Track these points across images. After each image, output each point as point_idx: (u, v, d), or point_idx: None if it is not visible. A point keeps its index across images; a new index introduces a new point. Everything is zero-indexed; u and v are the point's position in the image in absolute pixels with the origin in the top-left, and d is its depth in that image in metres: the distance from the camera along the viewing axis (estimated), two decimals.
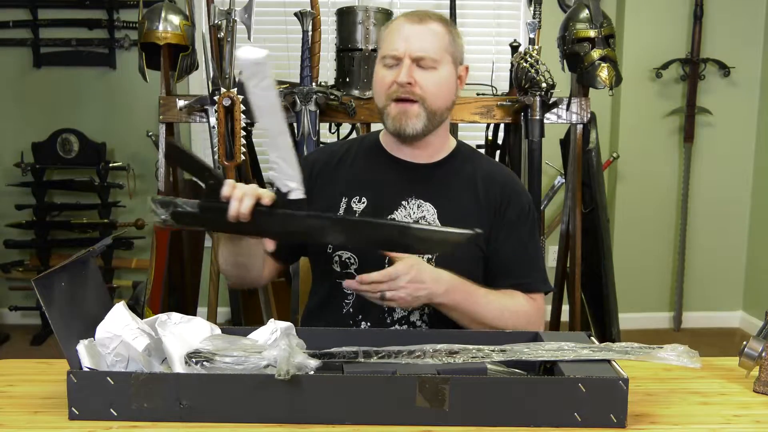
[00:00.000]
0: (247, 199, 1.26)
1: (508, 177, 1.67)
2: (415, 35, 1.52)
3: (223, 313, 3.65)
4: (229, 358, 1.11)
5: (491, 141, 3.25)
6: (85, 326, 1.17)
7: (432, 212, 1.57)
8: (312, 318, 1.64)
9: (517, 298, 1.55)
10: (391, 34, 1.55)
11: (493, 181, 1.62)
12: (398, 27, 1.55)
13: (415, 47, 1.51)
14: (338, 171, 1.64)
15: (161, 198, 1.29)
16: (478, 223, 1.57)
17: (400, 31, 1.54)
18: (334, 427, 1.09)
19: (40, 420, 1.13)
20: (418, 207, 1.57)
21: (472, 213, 1.59)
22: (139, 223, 4.01)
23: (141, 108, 4.00)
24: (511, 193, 1.61)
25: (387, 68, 1.55)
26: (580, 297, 2.87)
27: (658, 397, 1.24)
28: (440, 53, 1.53)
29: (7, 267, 4.03)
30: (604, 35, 2.72)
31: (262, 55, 1.17)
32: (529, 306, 1.56)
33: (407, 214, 1.56)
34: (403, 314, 1.55)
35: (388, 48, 1.54)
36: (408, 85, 1.51)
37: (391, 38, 1.55)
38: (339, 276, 1.57)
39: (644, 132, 4.13)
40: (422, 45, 1.51)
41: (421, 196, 1.58)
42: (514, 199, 1.61)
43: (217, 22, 2.60)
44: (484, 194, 1.60)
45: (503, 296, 1.53)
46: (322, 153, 1.72)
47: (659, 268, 4.27)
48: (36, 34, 4.01)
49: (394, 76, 1.52)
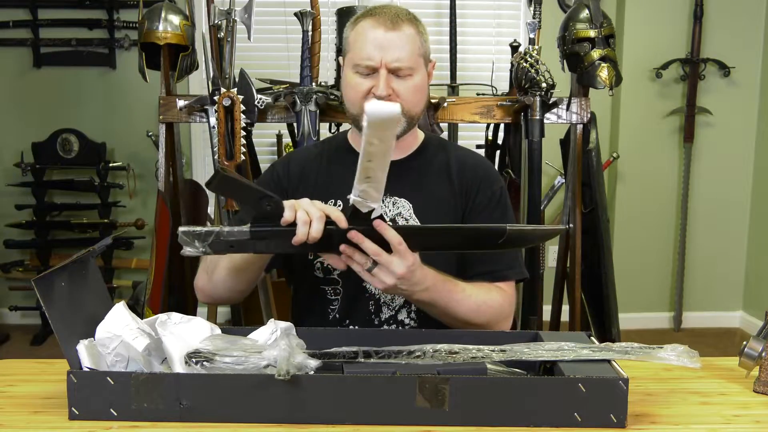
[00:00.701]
0: (317, 222, 1.24)
1: (479, 162, 1.66)
2: (390, 44, 1.48)
3: (223, 313, 3.65)
4: (229, 358, 1.11)
5: (491, 141, 3.25)
6: (85, 326, 1.17)
7: (408, 207, 1.56)
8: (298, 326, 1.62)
9: (491, 293, 1.53)
10: (362, 39, 1.50)
11: (464, 167, 1.62)
12: (370, 32, 1.50)
13: (391, 57, 1.48)
14: (311, 177, 1.62)
15: (195, 230, 1.22)
16: (456, 213, 1.57)
17: (374, 37, 1.49)
18: (334, 427, 1.09)
19: (40, 420, 1.13)
20: (393, 204, 1.56)
21: (449, 202, 1.58)
22: (139, 223, 4.02)
23: (141, 108, 4.00)
24: (482, 179, 1.61)
25: (360, 76, 1.51)
26: (580, 297, 2.87)
27: (658, 397, 1.24)
28: (414, 59, 1.51)
29: (7, 267, 4.03)
30: (604, 35, 2.72)
31: (396, 111, 1.13)
32: (501, 298, 1.54)
33: (383, 212, 1.54)
34: (391, 314, 1.54)
35: (360, 56, 1.50)
36: (387, 97, 1.49)
37: (362, 45, 1.50)
38: (323, 282, 1.56)
39: (644, 132, 4.13)
40: (398, 54, 1.48)
41: (395, 192, 1.56)
42: (483, 185, 1.60)
43: (217, 22, 2.60)
44: (458, 181, 1.59)
45: (480, 290, 1.51)
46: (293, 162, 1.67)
47: (659, 268, 4.27)
48: (36, 34, 4.01)
49: (370, 86, 1.50)
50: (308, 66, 2.65)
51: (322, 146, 1.72)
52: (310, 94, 2.61)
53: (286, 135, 3.60)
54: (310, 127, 2.61)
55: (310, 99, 2.61)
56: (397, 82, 1.50)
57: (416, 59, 1.51)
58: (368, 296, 1.55)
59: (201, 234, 1.22)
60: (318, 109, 2.62)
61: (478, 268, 1.56)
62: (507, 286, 1.58)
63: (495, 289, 1.55)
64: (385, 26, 1.49)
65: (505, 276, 1.57)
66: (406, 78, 1.51)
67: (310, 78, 2.65)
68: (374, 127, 1.12)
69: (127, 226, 4.03)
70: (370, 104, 1.12)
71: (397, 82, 1.51)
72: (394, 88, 1.50)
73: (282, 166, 1.67)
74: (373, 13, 1.53)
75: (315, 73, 2.68)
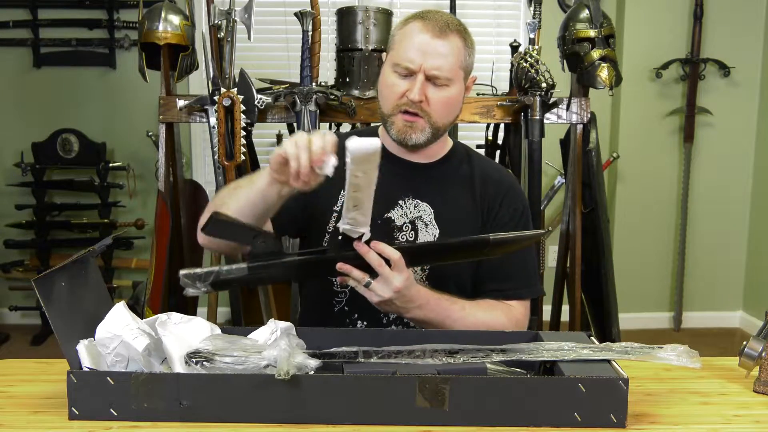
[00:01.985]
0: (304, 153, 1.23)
1: (504, 178, 1.65)
2: (434, 51, 1.47)
3: (223, 313, 3.65)
4: (229, 358, 1.11)
5: (491, 141, 3.25)
6: (85, 326, 1.17)
7: (429, 212, 1.56)
8: (306, 320, 1.63)
9: (495, 311, 1.53)
10: (408, 41, 1.49)
11: (488, 181, 1.61)
12: (416, 35, 1.48)
13: (431, 64, 1.47)
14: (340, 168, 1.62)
15: (195, 272, 1.26)
16: (476, 224, 1.57)
17: (419, 41, 1.47)
18: (334, 427, 1.09)
19: (40, 420, 1.13)
20: (414, 207, 1.57)
21: (469, 212, 1.58)
22: (139, 223, 4.02)
23: (141, 108, 4.00)
24: (506, 195, 1.60)
25: (398, 76, 1.50)
26: (580, 297, 2.87)
27: (658, 397, 1.24)
28: (454, 71, 1.50)
29: (7, 267, 4.03)
30: (604, 35, 2.72)
31: (376, 147, 1.16)
32: (505, 318, 1.53)
33: (403, 214, 1.55)
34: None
35: (402, 56, 1.49)
36: (419, 102, 1.49)
37: (407, 46, 1.49)
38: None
39: (644, 132, 4.13)
40: (439, 63, 1.47)
41: (418, 195, 1.57)
42: (507, 201, 1.60)
43: (217, 22, 2.60)
44: (480, 194, 1.60)
45: (480, 309, 1.51)
46: None
47: (659, 268, 4.27)
48: (36, 34, 4.01)
49: (406, 89, 1.49)
50: (308, 66, 2.65)
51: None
52: (310, 94, 2.61)
53: (286, 135, 3.60)
54: (310, 127, 2.61)
55: (310, 99, 2.61)
56: (432, 90, 1.50)
57: (456, 71, 1.50)
58: None
59: (201, 275, 1.27)
60: (318, 109, 2.62)
61: (489, 286, 1.57)
62: (519, 305, 1.57)
63: (501, 307, 1.55)
64: (433, 32, 1.48)
65: (517, 294, 1.58)
66: (442, 88, 1.50)
67: (310, 78, 2.65)
68: (357, 162, 1.17)
69: (127, 226, 4.03)
70: (351, 141, 1.15)
71: (433, 90, 1.50)
72: (427, 95, 1.49)
73: None
74: (425, 16, 1.51)
75: (315, 73, 2.68)
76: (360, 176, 1.20)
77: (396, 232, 1.54)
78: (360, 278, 1.34)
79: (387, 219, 1.54)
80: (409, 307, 1.40)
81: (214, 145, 2.58)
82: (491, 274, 1.57)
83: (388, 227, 1.53)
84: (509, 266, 1.57)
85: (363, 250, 1.32)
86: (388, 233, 1.52)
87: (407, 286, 1.36)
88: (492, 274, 1.57)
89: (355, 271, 1.33)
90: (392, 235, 1.53)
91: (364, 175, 1.20)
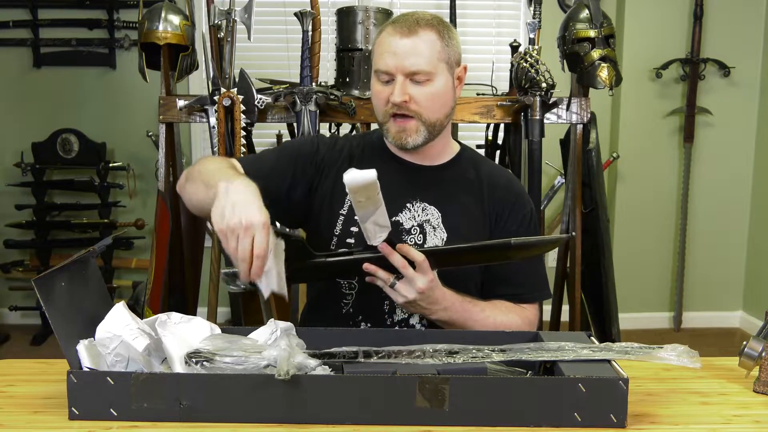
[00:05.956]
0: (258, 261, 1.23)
1: (512, 183, 1.66)
2: (405, 50, 1.48)
3: (223, 313, 3.65)
4: (229, 358, 1.11)
5: (491, 141, 3.25)
6: (85, 326, 1.17)
7: (437, 216, 1.56)
8: (311, 321, 1.63)
9: (510, 314, 1.55)
10: (381, 48, 1.51)
11: (497, 187, 1.62)
12: (387, 40, 1.50)
13: (406, 63, 1.48)
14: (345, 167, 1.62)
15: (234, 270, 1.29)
16: (483, 228, 1.58)
17: (390, 45, 1.49)
18: (334, 427, 1.09)
19: (40, 420, 1.13)
20: (422, 210, 1.57)
21: (476, 218, 1.58)
22: (139, 223, 4.02)
23: (141, 108, 4.00)
24: (514, 201, 1.61)
25: (382, 83, 1.52)
26: (580, 297, 2.87)
27: (658, 397, 1.24)
28: (433, 64, 1.50)
29: (7, 267, 4.03)
30: (604, 35, 2.72)
31: (372, 177, 1.22)
32: (521, 320, 1.56)
33: (411, 217, 1.55)
34: (403, 317, 1.54)
35: (379, 63, 1.51)
36: (403, 103, 1.49)
37: (380, 52, 1.51)
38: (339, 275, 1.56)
39: (644, 132, 4.13)
40: (414, 60, 1.48)
41: (425, 199, 1.57)
42: (516, 208, 1.61)
43: (217, 22, 2.60)
44: (488, 199, 1.60)
45: (499, 312, 1.53)
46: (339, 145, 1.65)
47: (659, 268, 4.27)
48: (36, 34, 4.01)
49: (389, 93, 1.50)
50: (308, 66, 2.65)
51: (360, 140, 1.69)
52: (310, 94, 2.61)
53: (286, 135, 3.60)
54: (310, 127, 2.61)
55: (310, 99, 2.61)
56: (414, 87, 1.50)
57: (435, 64, 1.50)
58: (383, 295, 1.54)
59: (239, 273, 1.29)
60: (318, 109, 2.62)
61: (503, 289, 1.58)
62: (531, 308, 1.60)
63: (515, 309, 1.57)
64: (402, 33, 1.49)
65: (530, 299, 1.60)
66: (424, 84, 1.50)
67: (310, 78, 2.65)
68: (355, 192, 1.25)
69: (127, 226, 4.03)
70: (347, 174, 1.23)
71: (415, 87, 1.50)
72: (411, 94, 1.50)
73: (326, 145, 1.64)
74: (395, 20, 1.53)
75: (315, 73, 2.68)
76: (363, 201, 1.26)
77: (405, 235, 1.54)
78: (386, 279, 1.39)
79: (395, 222, 1.54)
80: (433, 308, 1.43)
81: (214, 145, 2.58)
82: (506, 277, 1.58)
83: (396, 230, 1.53)
84: (523, 270, 1.58)
85: (387, 252, 1.36)
86: (397, 236, 1.52)
87: (431, 288, 1.39)
88: (507, 277, 1.58)
89: (381, 271, 1.39)
90: (401, 238, 1.53)
91: (367, 200, 1.26)
